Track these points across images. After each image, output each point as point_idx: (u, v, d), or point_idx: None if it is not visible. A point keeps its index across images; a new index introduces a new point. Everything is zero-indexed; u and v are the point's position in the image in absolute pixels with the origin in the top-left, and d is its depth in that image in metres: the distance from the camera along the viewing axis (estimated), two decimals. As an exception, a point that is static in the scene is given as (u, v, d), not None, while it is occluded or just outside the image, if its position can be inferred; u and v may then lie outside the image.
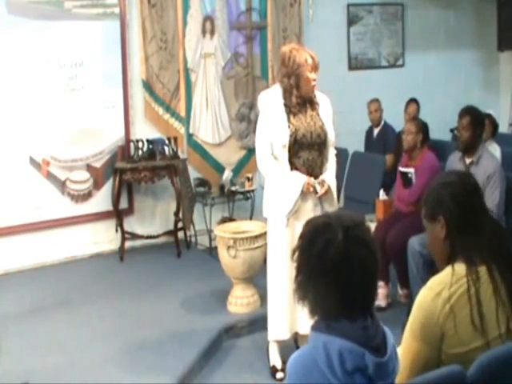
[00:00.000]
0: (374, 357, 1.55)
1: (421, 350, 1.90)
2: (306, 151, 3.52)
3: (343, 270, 1.58)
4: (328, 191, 3.57)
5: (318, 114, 3.58)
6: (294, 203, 3.49)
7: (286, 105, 3.52)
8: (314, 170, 3.56)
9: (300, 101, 3.51)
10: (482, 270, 1.93)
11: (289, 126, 3.48)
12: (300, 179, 3.49)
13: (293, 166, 3.52)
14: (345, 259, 1.58)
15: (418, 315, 1.93)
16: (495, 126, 5.68)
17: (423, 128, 4.72)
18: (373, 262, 1.62)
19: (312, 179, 3.51)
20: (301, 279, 1.66)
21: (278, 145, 3.48)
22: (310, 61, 3.47)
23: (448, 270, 1.97)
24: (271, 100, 3.55)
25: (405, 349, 1.94)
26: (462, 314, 1.88)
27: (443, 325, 1.87)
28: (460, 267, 1.95)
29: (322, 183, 3.54)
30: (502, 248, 1.99)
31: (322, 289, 1.61)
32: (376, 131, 6.41)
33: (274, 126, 3.49)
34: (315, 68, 3.50)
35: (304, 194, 3.50)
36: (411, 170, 4.61)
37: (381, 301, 4.52)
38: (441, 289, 1.90)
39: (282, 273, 3.55)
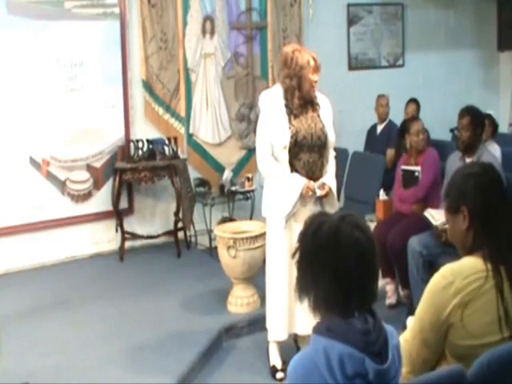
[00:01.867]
0: (374, 364, 1.54)
1: (428, 336, 1.91)
2: (306, 153, 3.51)
3: (337, 247, 1.59)
4: (329, 193, 3.56)
5: (318, 116, 3.57)
6: (293, 206, 3.48)
7: (287, 106, 3.51)
8: (314, 173, 3.55)
9: (302, 102, 3.51)
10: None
11: (289, 128, 3.47)
12: (300, 182, 3.48)
13: (293, 168, 3.50)
14: (337, 236, 1.59)
15: (428, 301, 1.93)
16: (495, 126, 5.69)
17: None
18: (368, 245, 1.61)
19: (312, 182, 3.51)
20: (300, 273, 1.67)
21: (278, 146, 3.47)
22: (312, 62, 3.46)
23: (464, 260, 1.96)
24: (272, 100, 3.54)
25: (412, 333, 1.96)
26: (474, 307, 1.87)
27: (451, 315, 1.87)
28: (477, 260, 1.93)
29: (323, 186, 3.53)
30: None
31: (318, 275, 1.61)
32: (380, 128, 6.42)
33: (274, 127, 3.47)
34: (317, 70, 3.49)
35: (303, 197, 3.50)
36: (417, 169, 4.60)
37: (391, 298, 4.54)
38: (454, 278, 1.89)
39: (280, 273, 3.55)
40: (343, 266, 1.58)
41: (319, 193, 3.50)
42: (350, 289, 1.59)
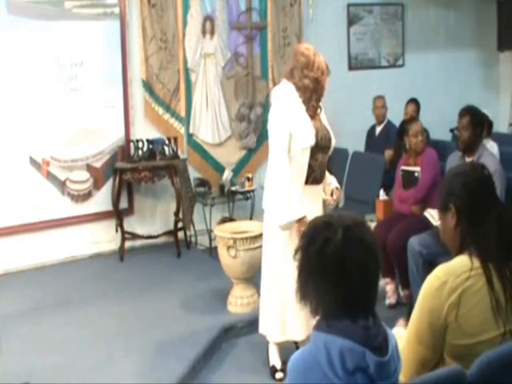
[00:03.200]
0: (374, 356, 1.54)
1: (425, 338, 1.91)
2: (321, 153, 3.51)
3: (341, 269, 1.58)
4: (339, 197, 3.68)
5: (321, 120, 3.60)
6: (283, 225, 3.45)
7: (304, 103, 3.46)
8: (323, 173, 3.59)
9: (316, 105, 3.52)
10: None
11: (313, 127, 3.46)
12: (295, 215, 3.36)
13: (310, 168, 3.47)
14: (342, 259, 1.58)
15: (424, 303, 1.93)
16: (490, 124, 5.68)
17: None
18: (372, 263, 1.62)
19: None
20: (301, 278, 1.66)
21: (302, 145, 3.39)
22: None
23: (456, 259, 1.97)
24: (290, 97, 3.46)
25: (408, 337, 1.96)
26: (468, 306, 1.87)
27: (448, 315, 1.87)
28: (469, 259, 1.94)
29: (336, 190, 3.62)
30: (504, 242, 1.98)
31: (321, 288, 1.61)
32: (379, 129, 6.42)
33: (298, 125, 3.40)
34: (327, 75, 3.53)
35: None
36: (417, 169, 4.60)
37: (391, 298, 4.54)
38: (447, 278, 1.90)
39: (274, 275, 3.55)
40: (346, 283, 1.59)
41: (330, 198, 3.59)
42: (352, 299, 1.59)
